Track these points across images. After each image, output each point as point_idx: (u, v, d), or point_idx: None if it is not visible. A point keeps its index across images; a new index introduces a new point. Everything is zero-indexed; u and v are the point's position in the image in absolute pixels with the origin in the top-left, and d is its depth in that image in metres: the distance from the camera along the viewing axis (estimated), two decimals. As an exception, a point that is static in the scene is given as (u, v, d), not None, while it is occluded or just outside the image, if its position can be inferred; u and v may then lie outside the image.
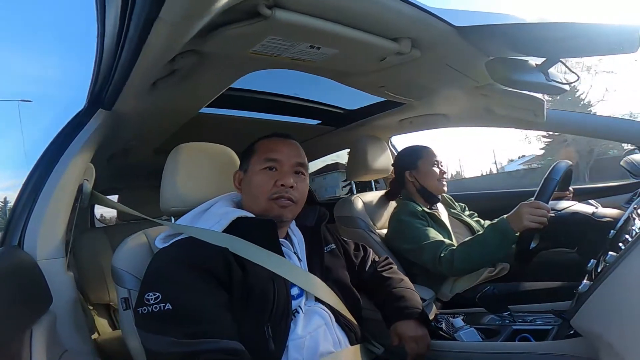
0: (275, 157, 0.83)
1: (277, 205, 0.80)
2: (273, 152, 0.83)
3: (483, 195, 1.99)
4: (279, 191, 0.80)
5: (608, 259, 0.64)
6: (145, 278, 0.70)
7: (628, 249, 0.59)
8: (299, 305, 0.76)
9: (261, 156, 0.83)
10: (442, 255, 1.19)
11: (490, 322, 0.97)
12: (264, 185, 0.81)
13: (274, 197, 0.80)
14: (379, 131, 1.84)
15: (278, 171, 0.82)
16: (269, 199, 0.80)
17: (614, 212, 1.09)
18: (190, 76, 0.94)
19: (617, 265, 0.57)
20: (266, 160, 0.82)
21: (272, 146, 0.85)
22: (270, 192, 0.80)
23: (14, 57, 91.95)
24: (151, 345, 0.63)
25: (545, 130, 2.35)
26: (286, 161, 0.83)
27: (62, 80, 70.33)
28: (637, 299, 0.47)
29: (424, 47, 0.91)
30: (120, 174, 1.96)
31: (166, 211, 0.89)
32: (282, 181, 0.80)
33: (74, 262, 1.84)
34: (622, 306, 0.50)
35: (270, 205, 0.80)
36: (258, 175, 0.82)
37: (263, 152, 0.84)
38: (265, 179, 0.81)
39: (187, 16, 0.60)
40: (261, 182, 0.81)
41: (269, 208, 0.80)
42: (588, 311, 0.60)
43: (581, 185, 1.57)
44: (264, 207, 0.80)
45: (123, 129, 1.17)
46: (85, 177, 1.05)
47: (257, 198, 0.81)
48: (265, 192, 0.80)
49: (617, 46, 0.81)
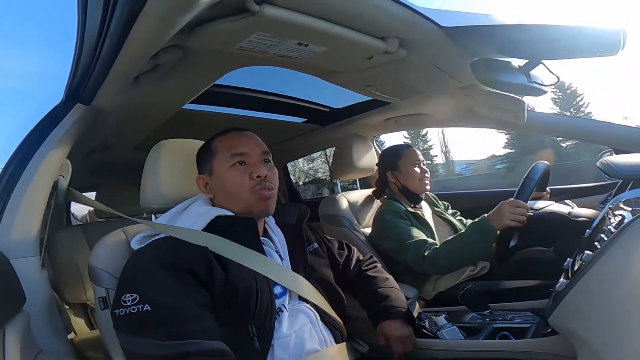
0: (241, 151, 0.81)
1: (260, 198, 0.79)
2: (237, 146, 0.81)
3: (466, 194, 2.03)
4: (258, 182, 0.79)
5: (584, 257, 0.65)
6: (122, 279, 0.68)
7: (603, 248, 0.60)
8: (283, 304, 0.76)
9: (225, 154, 0.81)
10: (425, 254, 1.21)
11: (471, 320, 0.99)
12: (240, 180, 0.79)
13: (255, 190, 0.79)
14: (364, 130, 1.85)
15: (247, 164, 0.81)
16: (251, 193, 0.79)
17: (590, 212, 1.13)
18: (174, 72, 0.92)
19: (593, 264, 0.59)
20: (233, 156, 0.80)
21: (233, 141, 0.83)
22: (249, 185, 0.79)
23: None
24: (131, 347, 0.61)
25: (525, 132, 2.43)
26: (252, 152, 0.82)
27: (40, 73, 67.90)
28: (613, 297, 0.48)
29: (411, 46, 0.92)
30: (99, 171, 1.91)
31: (146, 209, 0.87)
32: (257, 172, 0.79)
33: (48, 261, 1.78)
34: (598, 304, 0.51)
35: (253, 199, 0.79)
36: (230, 173, 0.80)
37: (225, 149, 0.82)
38: (239, 175, 0.79)
39: (172, 10, 0.58)
40: (236, 178, 0.79)
41: (253, 203, 0.79)
42: (565, 309, 0.61)
43: (558, 186, 1.62)
44: (248, 203, 0.79)
45: (102, 124, 1.13)
46: (61, 173, 1.02)
47: (238, 195, 0.79)
48: (245, 187, 0.79)
49: (598, 49, 0.83)
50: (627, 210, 0.72)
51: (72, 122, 0.97)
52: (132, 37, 0.63)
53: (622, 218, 0.69)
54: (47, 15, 48.22)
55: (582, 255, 0.67)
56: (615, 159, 1.25)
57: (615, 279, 0.51)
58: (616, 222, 0.69)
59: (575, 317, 0.57)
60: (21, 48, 66.62)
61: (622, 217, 0.69)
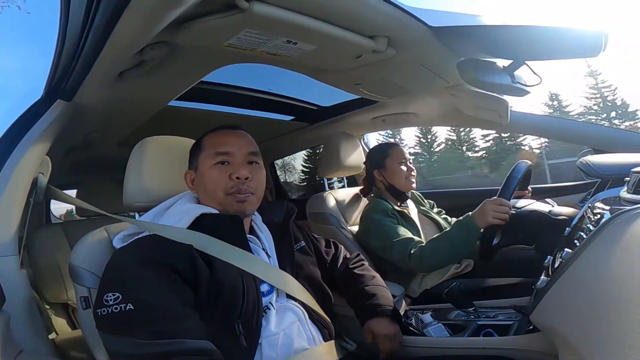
0: (225, 150, 0.80)
1: (235, 200, 0.78)
2: (222, 145, 0.80)
3: (451, 193, 2.07)
4: (235, 185, 0.78)
5: (564, 255, 0.66)
6: (104, 278, 0.67)
7: (582, 245, 0.61)
8: (270, 302, 0.75)
9: (210, 151, 0.80)
10: (411, 252, 1.22)
11: (456, 318, 1.01)
12: (218, 180, 0.78)
13: (231, 192, 0.78)
14: (351, 128, 1.86)
15: (230, 164, 0.80)
16: (226, 194, 0.78)
17: (569, 210, 1.16)
18: (159, 68, 0.90)
19: (572, 261, 0.60)
20: (216, 155, 0.79)
21: (219, 140, 0.82)
22: (226, 187, 0.78)
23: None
24: (114, 347, 0.60)
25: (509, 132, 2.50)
26: (237, 152, 0.80)
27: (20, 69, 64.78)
28: (592, 294, 0.49)
29: (399, 46, 0.93)
30: (80, 168, 1.86)
31: (129, 206, 0.86)
32: (237, 174, 0.78)
33: (28, 260, 1.75)
34: (578, 301, 0.52)
35: (227, 200, 0.78)
36: (210, 172, 0.79)
37: (211, 146, 0.81)
38: (218, 174, 0.78)
39: (159, 6, 0.57)
40: (215, 177, 0.78)
41: (227, 204, 0.78)
42: (546, 306, 0.62)
43: (539, 185, 1.66)
44: (222, 204, 0.78)
45: (84, 121, 1.10)
46: (40, 170, 1.00)
47: (214, 194, 0.78)
48: (221, 187, 0.78)
49: (580, 50, 0.85)
50: (606, 209, 0.73)
51: (52, 118, 0.95)
52: (117, 32, 0.62)
53: (600, 216, 0.70)
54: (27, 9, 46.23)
55: (562, 253, 0.68)
56: (595, 158, 1.29)
57: (594, 276, 0.52)
58: (595, 220, 0.71)
59: (555, 314, 0.58)
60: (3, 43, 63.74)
61: (601, 216, 0.70)
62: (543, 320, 0.62)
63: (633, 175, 0.80)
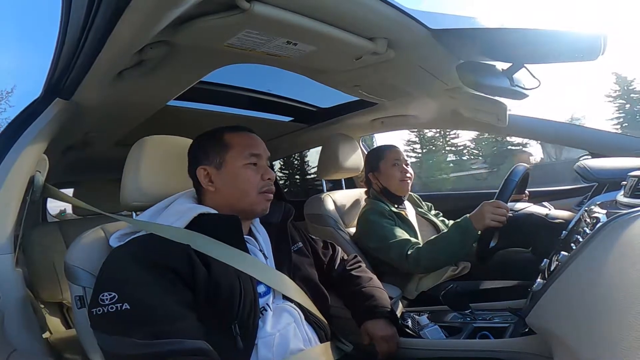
0: (257, 152, 0.84)
1: (265, 199, 0.83)
2: (253, 147, 0.84)
3: (448, 195, 2.07)
4: (266, 184, 0.82)
5: (560, 258, 0.67)
6: (100, 277, 0.67)
7: (579, 249, 0.62)
8: (267, 303, 0.75)
9: (242, 151, 0.82)
10: (409, 253, 1.22)
11: (453, 320, 1.01)
12: (252, 180, 0.81)
13: (262, 191, 0.82)
14: (350, 130, 1.86)
15: (259, 166, 0.83)
16: (258, 193, 0.81)
17: (566, 214, 1.16)
18: (159, 68, 0.90)
19: (569, 264, 0.61)
20: (250, 156, 0.82)
21: (250, 142, 0.85)
22: (259, 186, 0.81)
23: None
24: (109, 347, 0.60)
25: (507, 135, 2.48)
26: (264, 155, 0.85)
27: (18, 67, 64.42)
28: (587, 297, 0.49)
29: (399, 47, 0.93)
30: (77, 167, 1.85)
31: (127, 206, 0.85)
32: (268, 175, 0.83)
33: (23, 259, 1.74)
34: (573, 304, 0.52)
35: (259, 199, 0.82)
36: (244, 171, 0.81)
37: (243, 147, 0.83)
38: (252, 174, 0.82)
39: (159, 6, 0.57)
40: (249, 177, 0.81)
41: (258, 202, 0.82)
42: (541, 309, 0.63)
43: (536, 188, 1.67)
44: (253, 201, 0.81)
45: (82, 120, 1.10)
46: (37, 168, 0.99)
47: (246, 192, 0.81)
48: (255, 187, 0.81)
49: (579, 54, 0.85)
50: (602, 213, 0.74)
51: (50, 117, 0.95)
52: (117, 31, 0.62)
53: (597, 220, 0.70)
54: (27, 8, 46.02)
55: (558, 256, 0.68)
56: (592, 162, 1.29)
57: (590, 280, 0.52)
58: (591, 224, 0.71)
59: (551, 316, 0.58)
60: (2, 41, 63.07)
61: (597, 219, 0.70)
62: (539, 323, 0.62)
63: (630, 179, 0.80)
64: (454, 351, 0.87)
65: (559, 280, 0.61)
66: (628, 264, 0.46)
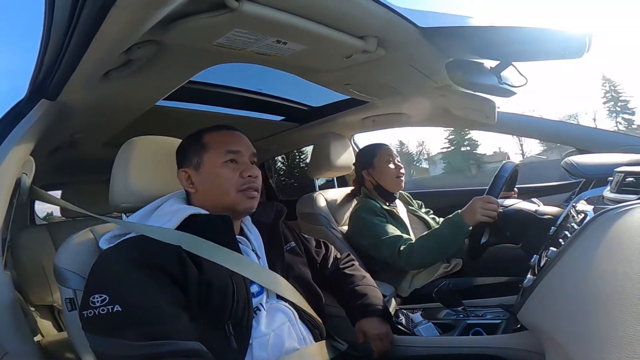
0: (236, 149, 0.81)
1: (247, 197, 0.80)
2: (232, 144, 0.82)
3: (438, 193, 2.09)
4: (246, 182, 0.80)
5: (549, 254, 0.67)
6: (90, 280, 0.66)
7: (567, 244, 0.62)
8: (260, 303, 0.75)
9: (219, 150, 0.81)
10: (401, 249, 1.23)
11: (446, 317, 1.02)
12: (230, 178, 0.79)
13: (242, 189, 0.79)
14: (342, 129, 1.86)
15: (239, 163, 0.81)
16: (237, 192, 0.79)
17: (555, 209, 1.18)
18: (147, 68, 0.89)
19: (557, 260, 0.61)
20: (227, 153, 0.80)
21: (228, 139, 0.83)
22: (237, 184, 0.79)
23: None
24: (102, 348, 0.59)
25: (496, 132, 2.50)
26: (245, 152, 0.83)
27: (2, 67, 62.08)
28: (576, 292, 0.50)
29: (389, 46, 0.93)
30: (65, 168, 1.83)
31: (116, 207, 0.85)
32: (248, 172, 0.80)
33: (11, 262, 1.72)
34: (562, 300, 0.53)
35: (239, 197, 0.79)
36: (222, 170, 0.79)
37: (220, 145, 0.81)
38: (230, 172, 0.79)
39: (147, 5, 0.56)
40: (227, 175, 0.79)
41: (239, 201, 0.79)
42: (532, 305, 0.63)
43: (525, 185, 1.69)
44: (233, 201, 0.79)
45: (68, 120, 1.08)
46: (23, 170, 0.98)
47: (225, 192, 0.79)
48: (234, 185, 0.79)
49: (565, 51, 0.86)
50: (589, 208, 0.75)
51: (36, 118, 0.93)
52: (103, 31, 0.60)
53: (584, 215, 0.71)
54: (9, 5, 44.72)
55: (547, 251, 0.69)
56: (579, 159, 1.31)
57: (578, 275, 0.53)
58: (579, 219, 0.72)
59: (541, 312, 0.58)
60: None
61: (585, 215, 0.71)
62: (530, 319, 0.63)
63: (616, 175, 0.82)
64: (447, 348, 0.88)
65: (548, 276, 0.61)
66: (615, 259, 0.47)
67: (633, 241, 0.47)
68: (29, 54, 0.95)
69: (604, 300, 0.42)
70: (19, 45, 49.02)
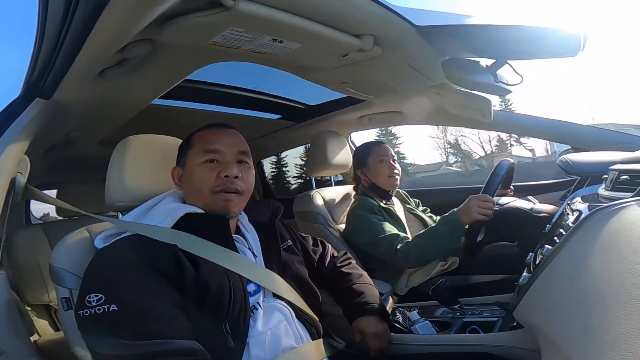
0: (215, 148, 0.79)
1: (221, 199, 0.77)
2: (212, 142, 0.79)
3: (435, 191, 2.09)
4: (223, 183, 0.77)
5: (544, 252, 0.68)
6: (85, 279, 0.65)
7: (562, 242, 0.63)
8: (257, 302, 0.75)
9: (199, 148, 0.79)
10: (398, 248, 1.23)
11: (443, 315, 1.03)
12: (206, 178, 0.77)
13: (217, 190, 0.77)
14: (338, 127, 1.86)
15: (220, 163, 0.79)
16: (212, 193, 0.77)
17: (550, 207, 1.19)
18: (142, 66, 0.88)
19: (553, 258, 0.61)
20: (206, 152, 0.78)
21: (210, 137, 0.81)
22: (212, 185, 0.77)
23: None
24: (98, 348, 0.59)
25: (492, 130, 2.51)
26: (227, 151, 0.79)
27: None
28: (571, 290, 0.50)
29: (385, 44, 0.93)
30: (60, 167, 1.82)
31: (111, 206, 0.84)
32: (226, 172, 0.77)
33: (7, 261, 1.72)
34: (558, 297, 0.53)
35: (213, 199, 0.77)
36: (199, 169, 0.78)
37: (201, 144, 0.80)
38: (207, 172, 0.77)
39: (142, 3, 0.56)
40: (202, 175, 0.77)
41: (213, 202, 0.77)
42: (528, 303, 0.64)
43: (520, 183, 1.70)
44: (208, 202, 0.77)
45: (63, 119, 1.07)
46: (18, 169, 0.96)
47: (200, 192, 0.77)
48: (208, 186, 0.77)
49: (560, 50, 0.87)
50: (584, 206, 0.75)
51: (30, 117, 0.92)
52: (98, 29, 0.60)
53: (579, 213, 0.71)
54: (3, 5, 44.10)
55: (543, 249, 0.69)
56: (574, 157, 1.32)
57: (573, 273, 0.53)
58: (574, 217, 0.72)
59: (537, 310, 0.59)
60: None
61: (580, 213, 0.71)
62: (525, 317, 0.63)
63: (611, 173, 0.82)
64: (444, 346, 0.88)
65: (543, 274, 0.62)
66: (610, 257, 0.47)
67: (627, 239, 0.47)
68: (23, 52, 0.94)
69: (599, 297, 0.42)
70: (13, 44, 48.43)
